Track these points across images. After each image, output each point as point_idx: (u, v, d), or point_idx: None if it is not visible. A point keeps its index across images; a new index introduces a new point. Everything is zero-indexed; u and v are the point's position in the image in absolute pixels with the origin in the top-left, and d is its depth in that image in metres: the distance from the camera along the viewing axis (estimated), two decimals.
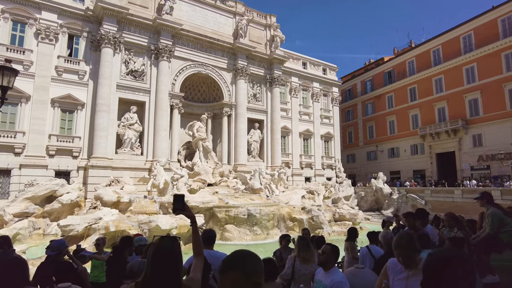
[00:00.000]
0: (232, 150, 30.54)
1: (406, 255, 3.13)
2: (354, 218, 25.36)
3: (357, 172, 49.31)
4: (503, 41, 32.20)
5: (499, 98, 32.35)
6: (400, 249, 3.19)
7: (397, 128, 44.15)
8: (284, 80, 36.17)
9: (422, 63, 41.09)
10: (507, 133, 31.08)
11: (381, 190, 32.73)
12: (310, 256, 4.76)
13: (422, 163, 40.52)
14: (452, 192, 29.35)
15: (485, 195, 5.96)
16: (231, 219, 19.40)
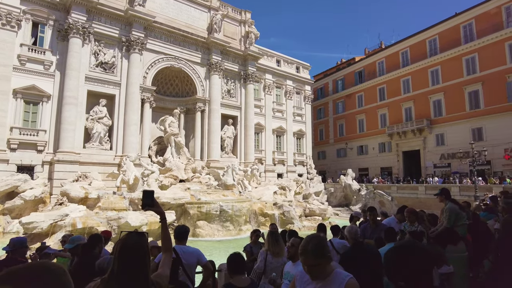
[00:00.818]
0: (205, 146, 30.36)
1: (312, 263, 2.53)
2: (324, 213, 26.04)
3: (328, 168, 50.57)
4: (464, 46, 34.06)
5: (460, 100, 34.27)
6: (305, 256, 2.57)
7: (366, 126, 45.66)
8: (258, 77, 36.32)
9: (391, 64, 42.65)
10: (466, 133, 33.02)
11: (350, 186, 33.79)
12: (279, 250, 4.94)
13: (389, 160, 42.21)
14: (416, 189, 30.85)
15: (443, 191, 6.37)
16: (203, 215, 19.35)
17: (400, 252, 1.40)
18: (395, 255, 1.40)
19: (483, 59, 32.48)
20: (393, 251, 1.44)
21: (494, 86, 31.39)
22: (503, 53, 30.98)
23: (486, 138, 31.54)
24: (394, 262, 1.39)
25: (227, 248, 14.82)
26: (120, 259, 2.09)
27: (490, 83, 31.72)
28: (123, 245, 2.15)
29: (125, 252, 2.11)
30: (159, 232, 13.04)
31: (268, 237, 5.13)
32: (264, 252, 5.04)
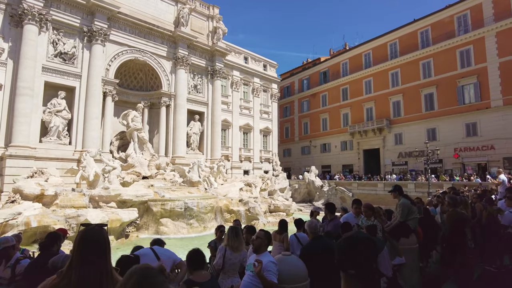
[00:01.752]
0: (170, 142, 29.82)
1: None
2: (288, 209, 26.58)
3: (292, 165, 51.62)
4: (421, 51, 36.14)
5: (417, 102, 36.36)
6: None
7: (330, 125, 47.11)
8: (226, 73, 36.20)
9: (354, 65, 44.23)
10: (422, 133, 35.13)
11: (313, 182, 34.74)
12: (238, 245, 5.00)
13: (351, 158, 43.88)
14: (376, 186, 32.38)
15: (396, 188, 6.82)
16: (167, 213, 19.05)
17: (348, 241, 1.52)
18: (344, 244, 1.52)
19: (438, 64, 34.67)
20: (342, 241, 1.55)
21: (446, 89, 33.63)
22: (454, 59, 33.25)
23: (439, 138, 33.76)
24: (343, 252, 1.50)
25: (192, 245, 14.67)
26: (80, 248, 2.05)
27: (443, 87, 33.95)
28: (83, 235, 2.11)
29: (85, 241, 2.08)
30: (120, 230, 12.81)
31: (228, 232, 5.15)
32: (223, 247, 5.05)
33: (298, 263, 3.72)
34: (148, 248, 4.68)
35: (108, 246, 2.16)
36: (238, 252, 4.95)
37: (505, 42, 29.70)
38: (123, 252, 4.34)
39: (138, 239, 17.26)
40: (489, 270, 7.54)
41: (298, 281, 3.58)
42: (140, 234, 18.19)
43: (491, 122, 30.07)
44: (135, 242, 15.03)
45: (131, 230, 18.14)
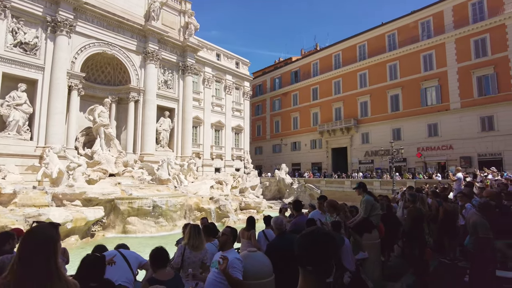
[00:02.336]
0: (139, 138, 29.08)
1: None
2: (259, 206, 26.82)
3: (264, 163, 52.04)
4: (388, 54, 37.55)
5: (383, 103, 37.78)
6: None
7: (300, 124, 47.91)
8: (197, 70, 35.79)
9: (324, 65, 45.19)
10: (387, 132, 36.59)
11: (283, 180, 35.23)
12: (199, 243, 4.87)
13: (320, 156, 44.89)
14: (343, 183, 33.33)
15: (360, 185, 7.09)
16: (134, 211, 18.61)
17: (307, 237, 1.53)
18: (303, 240, 1.52)
19: (403, 66, 36.18)
20: (301, 237, 1.55)
21: (411, 91, 35.20)
22: (418, 62, 34.85)
23: (403, 137, 35.31)
24: (301, 247, 1.51)
25: (160, 243, 14.41)
26: (23, 247, 1.99)
27: (408, 89, 35.51)
28: (29, 233, 2.05)
29: (29, 240, 2.01)
30: (85, 229, 12.40)
31: (190, 230, 4.98)
32: (182, 246, 4.91)
33: (264, 259, 3.77)
34: (114, 250, 4.57)
35: (55, 245, 2.06)
36: (199, 251, 4.83)
37: (463, 48, 31.53)
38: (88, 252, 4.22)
39: (104, 238, 16.75)
40: (443, 262, 8.09)
41: (263, 277, 3.63)
42: (107, 233, 17.67)
43: (450, 123, 31.88)
44: (100, 242, 14.57)
45: (97, 229, 17.58)
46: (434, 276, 7.09)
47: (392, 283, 6.58)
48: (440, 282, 6.77)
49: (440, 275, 7.20)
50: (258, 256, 3.82)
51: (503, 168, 26.31)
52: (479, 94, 30.41)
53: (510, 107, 28.35)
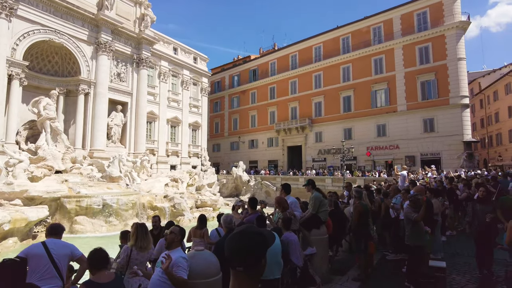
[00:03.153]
0: (88, 133, 27.57)
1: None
2: (215, 204, 26.72)
3: (221, 160, 51.87)
4: (342, 56, 39.12)
5: (336, 103, 39.36)
6: None
7: (258, 122, 48.41)
8: (153, 63, 34.69)
9: (282, 65, 45.99)
10: (339, 132, 38.22)
11: (240, 177, 35.43)
12: (147, 244, 4.72)
13: (276, 154, 45.74)
14: (298, 180, 34.24)
15: (310, 182, 7.34)
16: (83, 210, 17.66)
17: (237, 237, 1.48)
18: (233, 240, 1.48)
19: (356, 69, 37.93)
20: (232, 237, 1.50)
21: (362, 93, 37.03)
22: (369, 66, 36.75)
23: (354, 137, 37.08)
24: (231, 247, 1.45)
25: (111, 243, 13.91)
26: None
27: (359, 91, 37.31)
28: None
29: None
30: (26, 231, 11.59)
31: (137, 230, 4.76)
32: (129, 247, 4.70)
33: (211, 258, 3.77)
34: (40, 243, 4.08)
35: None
36: (146, 251, 4.70)
37: (409, 55, 33.81)
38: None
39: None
40: (386, 254, 8.67)
41: (209, 275, 3.62)
42: None
43: (397, 125, 34.06)
44: None
45: (40, 230, 16.41)
46: (377, 269, 7.56)
47: (339, 277, 6.88)
48: (381, 274, 7.23)
49: (382, 268, 7.70)
50: (205, 255, 3.81)
51: (441, 166, 28.72)
52: (422, 98, 32.82)
53: (447, 110, 30.99)
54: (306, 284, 5.79)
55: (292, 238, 5.39)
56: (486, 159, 45.06)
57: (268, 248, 1.52)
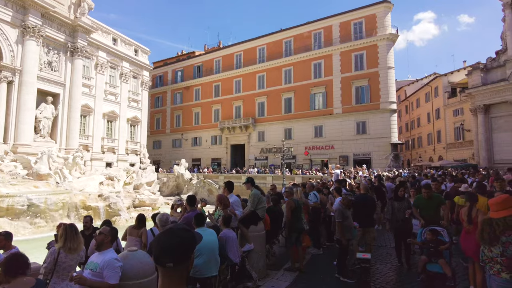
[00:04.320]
0: (12, 126, 24.96)
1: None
2: (154, 203, 25.98)
3: (162, 158, 50.40)
4: (284, 59, 40.45)
5: (278, 104, 40.65)
6: None
7: (202, 119, 47.93)
8: (89, 53, 32.47)
9: (227, 63, 46.10)
10: (280, 132, 39.57)
11: (182, 176, 34.84)
12: (77, 245, 4.41)
13: (220, 152, 45.78)
14: (240, 178, 34.65)
15: (249, 180, 7.61)
16: (3, 211, 16.03)
17: (166, 235, 1.54)
18: (162, 238, 1.54)
19: (297, 72, 39.50)
20: (161, 235, 1.57)
21: (302, 95, 38.72)
22: (309, 69, 38.55)
23: (294, 137, 38.67)
24: (161, 245, 1.51)
25: (37, 247, 12.85)
26: None
27: (300, 93, 38.96)
28: None
29: None
30: None
31: (66, 231, 4.39)
32: (56, 250, 4.34)
33: (145, 258, 3.67)
34: None
35: None
36: (76, 253, 4.39)
37: (346, 61, 36.19)
38: None
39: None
40: (319, 250, 9.31)
41: (144, 276, 3.53)
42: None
43: (333, 126, 36.29)
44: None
45: None
46: (309, 263, 8.10)
47: (275, 272, 7.22)
48: (314, 267, 7.78)
49: (314, 262, 8.27)
50: (139, 255, 3.69)
51: (372, 166, 31.28)
52: (356, 102, 35.36)
53: (378, 115, 33.86)
54: (243, 279, 6.03)
55: (230, 235, 5.58)
56: (409, 159, 50.11)
57: (197, 245, 1.64)
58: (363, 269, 5.96)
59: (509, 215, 3.29)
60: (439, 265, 5.53)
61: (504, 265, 3.21)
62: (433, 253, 5.70)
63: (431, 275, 5.58)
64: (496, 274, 3.30)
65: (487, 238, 3.34)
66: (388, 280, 6.49)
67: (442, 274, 5.45)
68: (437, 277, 5.51)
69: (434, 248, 5.72)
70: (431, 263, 5.65)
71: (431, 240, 5.82)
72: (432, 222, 6.30)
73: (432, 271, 5.58)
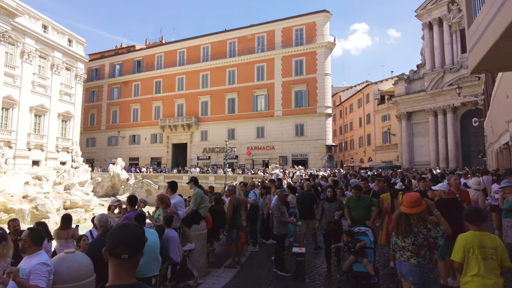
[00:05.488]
0: None
1: None
2: (88, 204, 24.57)
3: (97, 157, 47.51)
4: (228, 59, 40.83)
5: (222, 104, 40.90)
6: None
7: (141, 116, 46.16)
8: (14, 39, 29.47)
9: (169, 60, 45.01)
10: (223, 132, 39.86)
11: (118, 175, 33.32)
12: (6, 251, 4.01)
13: (160, 151, 44.55)
14: (181, 178, 34.21)
15: (192, 179, 7.78)
16: None
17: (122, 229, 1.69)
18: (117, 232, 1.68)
19: (240, 73, 40.13)
20: (116, 230, 1.71)
21: (245, 97, 39.47)
22: (252, 72, 39.46)
23: (237, 137, 39.25)
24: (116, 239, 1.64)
25: None
26: None
27: (243, 94, 39.66)
28: None
29: None
30: None
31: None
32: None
33: (83, 260, 3.59)
34: None
35: None
36: (3, 259, 3.97)
37: (287, 66, 37.78)
38: None
39: None
40: (256, 247, 9.76)
41: (80, 278, 3.44)
42: None
43: (274, 128, 37.66)
44: None
45: None
46: (248, 258, 8.51)
47: (216, 269, 7.43)
48: (252, 263, 8.18)
49: (253, 257, 8.71)
50: (76, 257, 3.58)
51: (308, 166, 33.09)
52: (295, 106, 37.09)
53: (315, 118, 36.01)
54: (184, 278, 6.19)
55: (171, 235, 5.70)
56: (342, 160, 53.80)
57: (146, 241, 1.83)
58: (299, 262, 6.47)
59: (422, 211, 3.94)
60: (364, 264, 5.79)
61: (414, 252, 3.77)
62: (357, 252, 5.93)
63: (357, 275, 5.85)
64: (406, 260, 3.84)
65: (403, 230, 3.85)
66: (321, 272, 7.06)
67: (366, 273, 5.72)
68: (362, 276, 5.79)
69: (353, 248, 6.00)
70: (357, 263, 5.89)
71: (348, 241, 6.13)
72: (361, 223, 6.52)
73: (357, 271, 5.84)
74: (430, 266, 3.86)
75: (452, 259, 3.65)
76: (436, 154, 33.04)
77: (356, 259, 5.89)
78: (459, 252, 3.47)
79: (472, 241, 3.42)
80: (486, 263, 3.33)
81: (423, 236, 3.73)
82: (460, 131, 32.57)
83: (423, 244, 3.74)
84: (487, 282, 3.29)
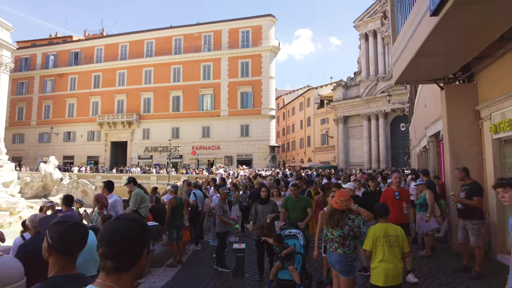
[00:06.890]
0: None
1: None
2: (14, 206, 22.48)
3: (25, 154, 43.51)
4: (173, 57, 40.10)
5: (166, 102, 40.01)
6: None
7: (77, 112, 43.28)
8: None
9: (110, 53, 42.78)
10: (167, 130, 39.01)
11: (50, 175, 30.95)
12: None
13: (98, 149, 42.13)
14: (120, 178, 32.77)
15: (131, 179, 7.72)
16: None
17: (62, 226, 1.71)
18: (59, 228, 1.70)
19: (186, 71, 39.63)
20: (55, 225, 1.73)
21: (191, 95, 39.08)
22: (198, 70, 39.25)
23: (181, 136, 38.70)
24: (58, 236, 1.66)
25: None
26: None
27: (189, 93, 39.23)
28: None
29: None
30: None
31: None
32: None
33: (11, 263, 3.46)
34: None
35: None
36: None
37: (233, 67, 38.23)
38: None
39: None
40: (198, 246, 9.95)
41: (9, 282, 3.32)
42: None
43: (219, 128, 37.86)
44: None
45: None
46: (190, 256, 8.68)
47: (157, 269, 7.47)
48: (194, 261, 8.35)
49: (195, 256, 8.89)
50: (4, 260, 3.45)
51: (252, 166, 33.83)
52: (241, 106, 37.69)
53: (259, 119, 37.04)
54: None
55: None
56: (285, 160, 55.80)
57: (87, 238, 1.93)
58: (238, 258, 6.77)
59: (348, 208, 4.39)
60: (289, 271, 5.32)
61: (340, 243, 4.19)
62: (283, 258, 5.50)
63: (281, 283, 5.40)
64: (334, 250, 4.25)
65: (335, 222, 4.21)
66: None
67: (291, 281, 5.27)
68: (286, 285, 5.33)
69: (281, 253, 5.57)
70: (283, 269, 5.46)
71: (275, 246, 5.71)
72: (296, 225, 6.21)
73: (282, 279, 5.39)
74: (354, 255, 4.30)
75: (364, 248, 4.25)
76: (369, 155, 35.97)
77: (282, 265, 5.46)
78: (369, 241, 4.07)
79: (379, 231, 4.04)
80: (390, 250, 3.94)
81: (349, 227, 4.15)
82: (390, 135, 35.85)
83: (349, 235, 4.16)
84: (389, 267, 3.89)
